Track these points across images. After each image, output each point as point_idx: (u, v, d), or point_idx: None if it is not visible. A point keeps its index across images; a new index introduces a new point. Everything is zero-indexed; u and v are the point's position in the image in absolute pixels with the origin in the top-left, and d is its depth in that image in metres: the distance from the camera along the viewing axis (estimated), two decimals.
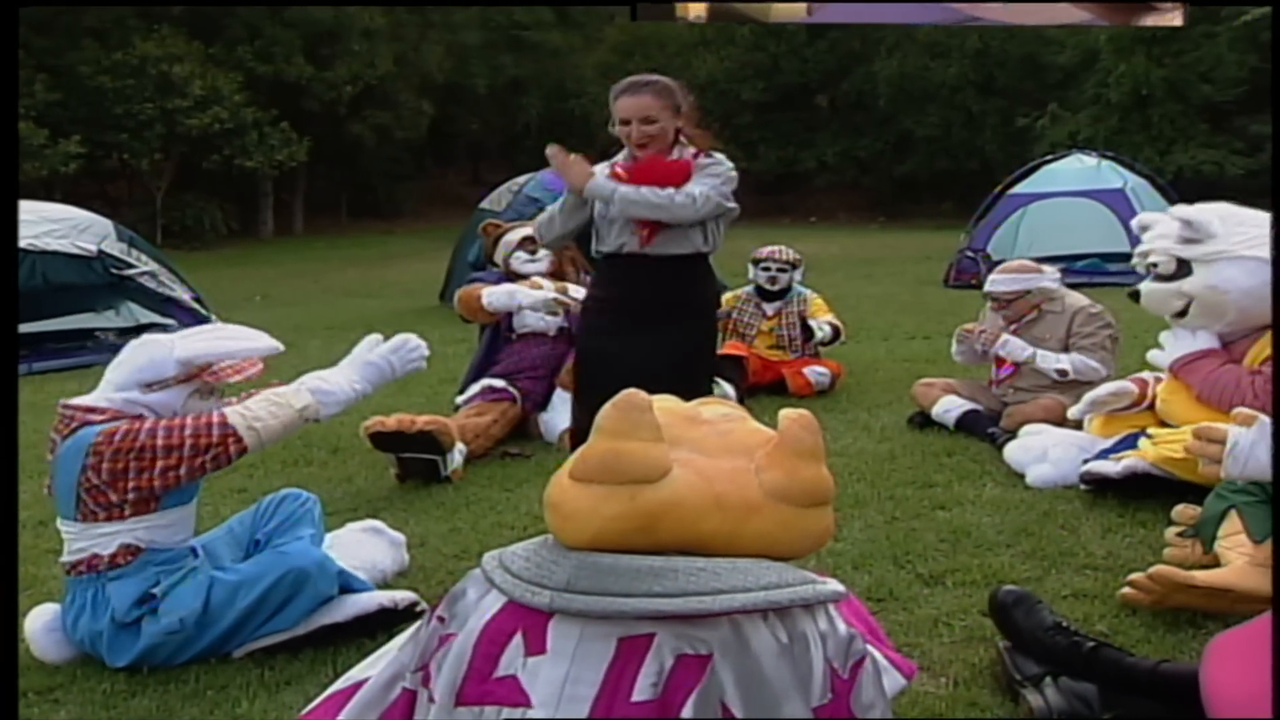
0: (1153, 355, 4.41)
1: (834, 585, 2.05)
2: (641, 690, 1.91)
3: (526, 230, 5.86)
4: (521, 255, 5.85)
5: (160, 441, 2.95)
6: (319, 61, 27.60)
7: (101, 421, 3.00)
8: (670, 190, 3.78)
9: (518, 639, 1.99)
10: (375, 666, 2.31)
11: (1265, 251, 4.00)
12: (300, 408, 3.14)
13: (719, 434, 2.14)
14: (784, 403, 6.15)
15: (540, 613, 1.99)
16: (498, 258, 5.97)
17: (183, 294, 9.76)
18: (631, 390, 2.09)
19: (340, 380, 3.25)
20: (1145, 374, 4.56)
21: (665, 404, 2.18)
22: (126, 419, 3.01)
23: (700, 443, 2.10)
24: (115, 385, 3.10)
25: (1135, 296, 4.43)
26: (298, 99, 27.41)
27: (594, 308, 4.12)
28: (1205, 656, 2.16)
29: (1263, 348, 4.09)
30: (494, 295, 5.58)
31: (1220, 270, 4.10)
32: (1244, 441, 2.80)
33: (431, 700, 2.06)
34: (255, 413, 3.06)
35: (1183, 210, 4.23)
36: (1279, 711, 1.81)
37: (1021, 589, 2.88)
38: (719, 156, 3.95)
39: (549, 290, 5.63)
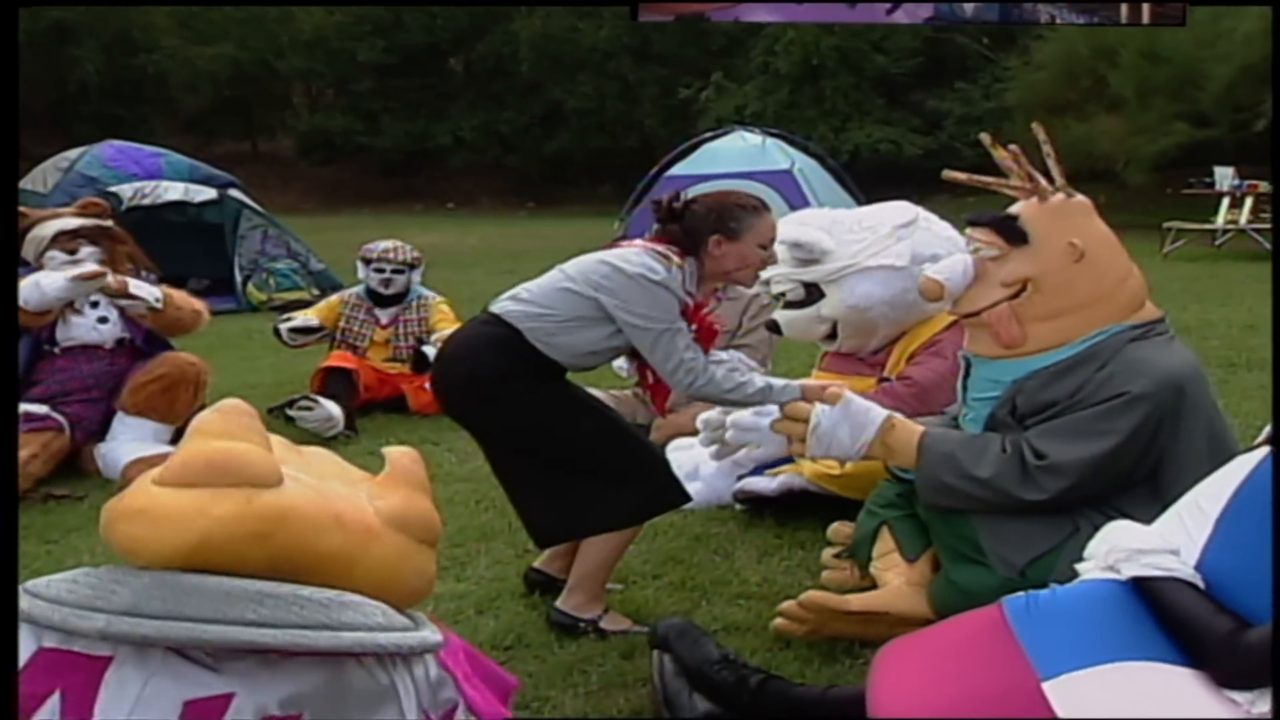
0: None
1: (436, 633, 2.10)
2: None
3: (68, 222, 5.56)
4: (58, 255, 5.45)
5: None
6: None
7: None
8: None
9: (53, 701, 1.85)
10: None
11: (890, 258, 4.22)
12: None
13: (321, 460, 2.28)
14: (404, 423, 6.16)
15: (91, 664, 1.86)
16: (28, 254, 5.54)
17: None
18: (233, 400, 2.15)
19: None
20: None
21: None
22: None
23: (305, 466, 2.16)
24: None
25: (774, 328, 4.58)
26: None
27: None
28: (875, 663, 2.34)
29: (902, 351, 4.33)
30: (25, 291, 5.18)
31: (853, 287, 4.27)
32: (826, 421, 3.10)
33: None
34: None
35: (787, 231, 4.25)
36: (1278, 711, 1.94)
37: (684, 621, 2.98)
38: None
39: (85, 267, 5.33)
